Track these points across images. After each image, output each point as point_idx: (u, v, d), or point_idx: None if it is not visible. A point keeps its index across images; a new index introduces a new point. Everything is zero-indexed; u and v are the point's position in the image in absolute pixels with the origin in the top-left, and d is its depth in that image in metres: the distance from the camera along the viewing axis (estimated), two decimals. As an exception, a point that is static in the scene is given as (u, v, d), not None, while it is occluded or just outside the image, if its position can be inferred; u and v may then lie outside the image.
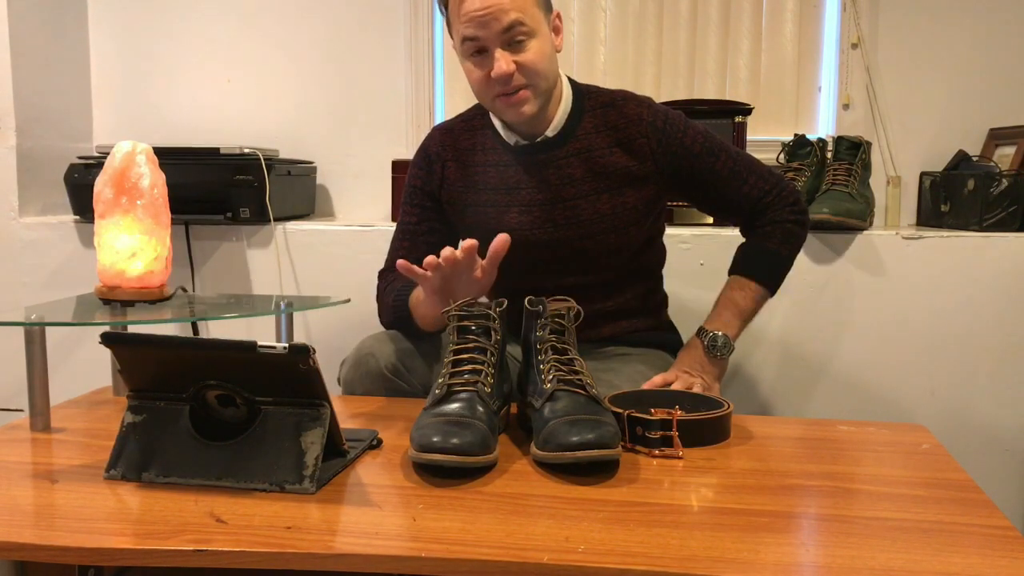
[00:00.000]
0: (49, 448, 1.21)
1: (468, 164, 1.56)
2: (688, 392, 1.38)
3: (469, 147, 1.57)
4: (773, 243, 1.55)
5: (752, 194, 1.55)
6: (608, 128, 1.51)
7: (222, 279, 2.14)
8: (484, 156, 1.55)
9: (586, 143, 1.51)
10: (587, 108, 1.53)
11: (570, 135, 1.51)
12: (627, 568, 0.84)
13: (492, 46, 1.40)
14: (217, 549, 0.88)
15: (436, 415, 1.11)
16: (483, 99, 1.49)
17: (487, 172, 1.55)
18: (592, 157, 1.50)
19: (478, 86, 1.46)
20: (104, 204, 1.43)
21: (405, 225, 1.61)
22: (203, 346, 1.11)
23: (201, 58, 2.43)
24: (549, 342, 1.20)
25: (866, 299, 1.93)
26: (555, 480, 1.07)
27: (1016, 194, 1.92)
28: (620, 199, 1.51)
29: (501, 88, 1.42)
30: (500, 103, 1.45)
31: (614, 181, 1.50)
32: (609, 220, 1.51)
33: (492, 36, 1.39)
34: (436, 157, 1.58)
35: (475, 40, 1.40)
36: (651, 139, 1.50)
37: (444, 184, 1.57)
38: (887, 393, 1.95)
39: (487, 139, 1.56)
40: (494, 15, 1.37)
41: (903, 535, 0.92)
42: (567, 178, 1.51)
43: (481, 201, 1.55)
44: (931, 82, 2.20)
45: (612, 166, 1.50)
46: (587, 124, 1.52)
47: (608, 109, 1.52)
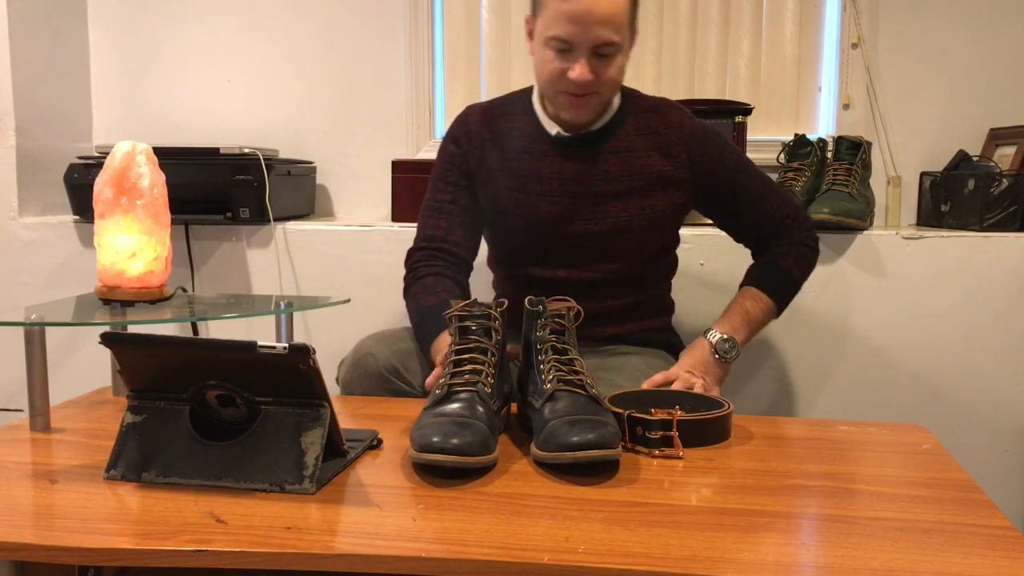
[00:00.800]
0: (49, 448, 1.21)
1: (504, 147, 1.57)
2: (688, 392, 1.38)
3: (506, 130, 1.58)
4: (787, 261, 1.59)
5: (775, 216, 1.59)
6: (649, 132, 1.54)
7: (222, 279, 2.14)
8: (521, 142, 1.56)
9: (625, 143, 1.53)
10: (631, 111, 1.55)
11: (611, 134, 1.54)
12: (627, 568, 0.84)
13: (579, 51, 1.41)
14: (217, 549, 0.88)
15: (436, 415, 1.11)
16: (547, 88, 1.50)
17: (522, 158, 1.55)
18: (629, 158, 1.53)
19: (548, 77, 1.46)
20: (104, 204, 1.43)
21: (438, 203, 1.59)
22: (203, 346, 1.10)
23: (201, 58, 2.43)
24: (549, 342, 1.20)
25: (866, 299, 1.93)
26: (555, 480, 1.07)
27: (1016, 194, 1.92)
28: (650, 202, 1.53)
29: (573, 88, 1.44)
30: (564, 100, 1.47)
31: (647, 183, 1.53)
32: (636, 221, 1.53)
33: (584, 43, 1.40)
34: (475, 135, 1.58)
35: (566, 41, 1.41)
36: (690, 147, 1.53)
37: (481, 163, 1.58)
38: (887, 393, 1.95)
39: (526, 125, 1.57)
40: (594, 27, 1.39)
41: (904, 535, 0.92)
42: (602, 174, 1.53)
43: (514, 186, 1.55)
44: (931, 82, 2.20)
45: (648, 168, 1.52)
46: (629, 126, 1.54)
47: (651, 114, 1.55)
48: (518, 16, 2.30)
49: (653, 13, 2.29)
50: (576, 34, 1.39)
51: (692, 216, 2.07)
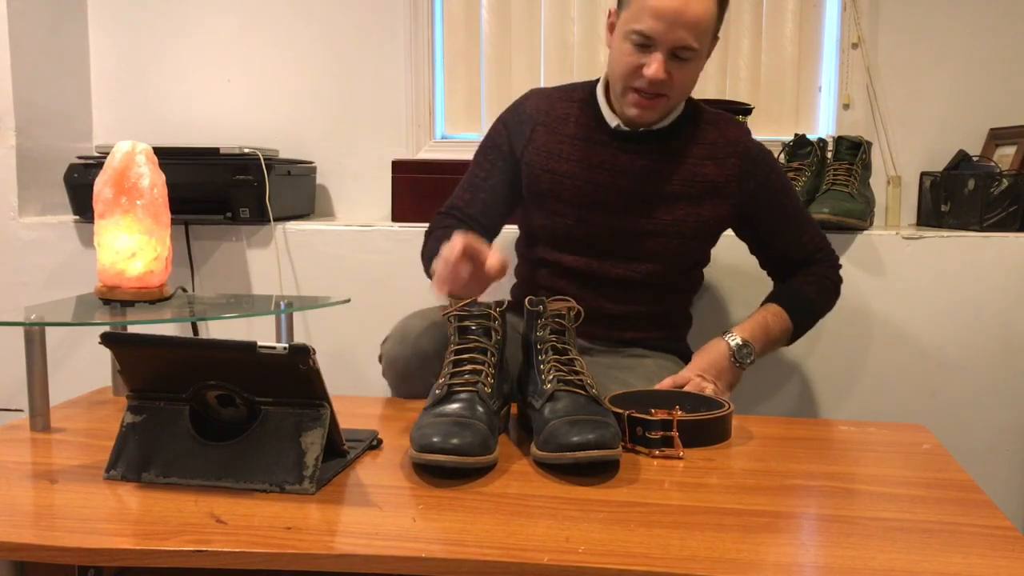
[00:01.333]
0: (49, 448, 1.21)
1: (558, 132, 1.57)
2: (688, 392, 1.38)
3: (563, 116, 1.58)
4: (812, 291, 1.59)
5: (808, 245, 1.61)
6: (706, 143, 1.54)
7: (222, 279, 2.14)
8: (577, 129, 1.56)
9: (682, 149, 1.54)
10: (693, 119, 1.56)
11: (670, 137, 1.54)
12: (627, 569, 0.84)
13: (659, 48, 1.41)
14: (217, 550, 0.88)
15: (436, 415, 1.11)
16: (620, 82, 1.49)
17: (575, 144, 1.55)
18: (684, 163, 1.53)
19: (623, 70, 1.46)
20: (104, 204, 1.43)
21: (473, 177, 1.61)
22: (203, 346, 1.10)
23: (201, 58, 2.43)
24: (549, 342, 1.20)
25: (866, 299, 1.93)
26: (555, 480, 1.07)
27: (1016, 194, 1.92)
28: (697, 210, 1.53)
29: (644, 86, 1.44)
30: (632, 97, 1.47)
31: (697, 191, 1.53)
32: (680, 226, 1.53)
33: (666, 42, 1.40)
34: (527, 118, 1.59)
35: (648, 37, 1.41)
36: (743, 161, 1.54)
37: (530, 145, 1.57)
38: (887, 393, 1.95)
39: (584, 113, 1.57)
40: (678, 28, 1.39)
41: (904, 535, 0.92)
42: (654, 173, 1.53)
43: (562, 171, 1.55)
44: (931, 82, 2.20)
45: (700, 176, 1.53)
46: (687, 133, 1.55)
47: (711, 126, 1.56)
48: (518, 16, 2.30)
49: (653, 13, 2.28)
50: (659, 31, 1.39)
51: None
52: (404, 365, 1.45)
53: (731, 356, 1.48)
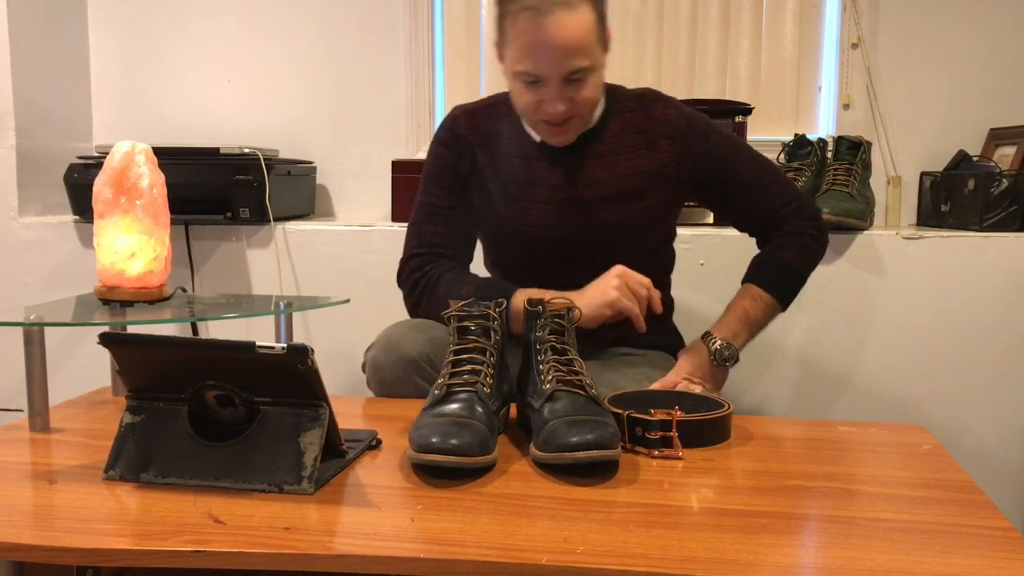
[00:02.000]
0: (48, 448, 1.21)
1: (495, 152, 1.54)
2: (688, 393, 1.38)
3: (495, 133, 1.55)
4: (788, 253, 1.53)
5: (772, 203, 1.54)
6: (635, 131, 1.51)
7: (222, 279, 2.14)
8: (510, 146, 1.53)
9: (612, 146, 1.51)
10: (616, 110, 1.53)
11: (597, 137, 1.51)
12: (626, 569, 0.84)
13: (550, 82, 1.38)
14: (215, 550, 0.88)
15: (435, 415, 1.11)
16: (526, 118, 1.48)
17: (512, 163, 1.53)
18: (617, 161, 1.50)
19: (525, 108, 1.44)
20: (103, 204, 1.43)
21: (434, 208, 1.55)
22: (202, 346, 1.10)
23: (201, 58, 2.43)
24: (549, 342, 1.20)
25: (866, 299, 1.93)
26: (554, 481, 1.06)
27: (1016, 194, 1.92)
28: (642, 203, 1.51)
29: (549, 119, 1.42)
30: (545, 129, 1.45)
31: (637, 184, 1.50)
32: (629, 224, 1.51)
33: (554, 76, 1.37)
34: (465, 141, 1.55)
35: (535, 75, 1.38)
36: (675, 140, 1.50)
37: (475, 170, 1.55)
38: (887, 393, 1.94)
39: (512, 129, 1.54)
40: (559, 59, 1.35)
41: (903, 536, 0.91)
42: (591, 179, 1.50)
43: (506, 193, 1.53)
44: (931, 82, 2.20)
45: (636, 169, 1.50)
46: (615, 127, 1.51)
47: (636, 113, 1.52)
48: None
49: (653, 13, 2.29)
50: (544, 68, 1.36)
51: (692, 216, 2.08)
52: (389, 371, 1.45)
53: (712, 359, 1.46)
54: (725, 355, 1.46)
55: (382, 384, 1.47)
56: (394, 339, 1.46)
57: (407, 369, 1.44)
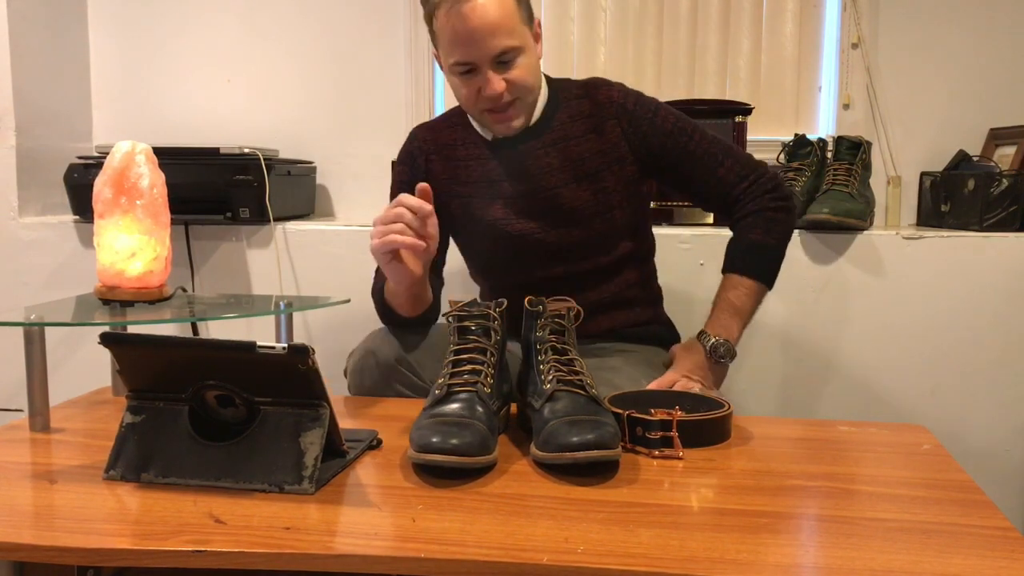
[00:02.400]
0: (48, 448, 1.21)
1: (450, 158, 1.59)
2: (688, 392, 1.38)
3: (450, 142, 1.60)
4: (757, 234, 1.52)
5: (728, 178, 1.53)
6: (582, 116, 1.54)
7: (222, 279, 2.14)
8: (466, 150, 1.58)
9: (562, 133, 1.54)
10: (562, 100, 1.56)
11: (546, 127, 1.54)
12: (627, 569, 0.84)
13: (483, 66, 1.43)
14: (216, 550, 0.88)
15: (435, 415, 1.11)
16: (471, 111, 1.53)
17: (469, 166, 1.57)
18: (568, 146, 1.53)
19: (467, 101, 1.49)
20: (103, 204, 1.43)
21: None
22: (202, 346, 1.10)
23: (201, 58, 2.43)
24: (549, 342, 1.20)
25: (866, 299, 1.93)
26: (555, 481, 1.06)
27: (1016, 194, 1.92)
28: (599, 184, 1.53)
29: (491, 104, 1.46)
30: (489, 118, 1.50)
31: (591, 167, 1.53)
32: (591, 207, 1.53)
33: (483, 58, 1.42)
34: (419, 152, 1.61)
35: (466, 63, 1.42)
36: (621, 120, 1.52)
37: (429, 177, 1.58)
38: (887, 393, 1.94)
39: (469, 134, 1.59)
40: (486, 40, 1.39)
41: (903, 536, 0.91)
42: (545, 168, 1.53)
43: (465, 193, 1.57)
44: (931, 82, 2.20)
45: (588, 152, 1.53)
46: (562, 115, 1.55)
47: (582, 99, 1.55)
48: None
49: (653, 13, 2.29)
50: (472, 53, 1.41)
51: (692, 216, 2.08)
52: (367, 378, 1.48)
53: (708, 356, 1.46)
54: (721, 352, 1.46)
55: (361, 390, 1.50)
56: (371, 346, 1.50)
57: (384, 375, 1.47)
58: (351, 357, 1.53)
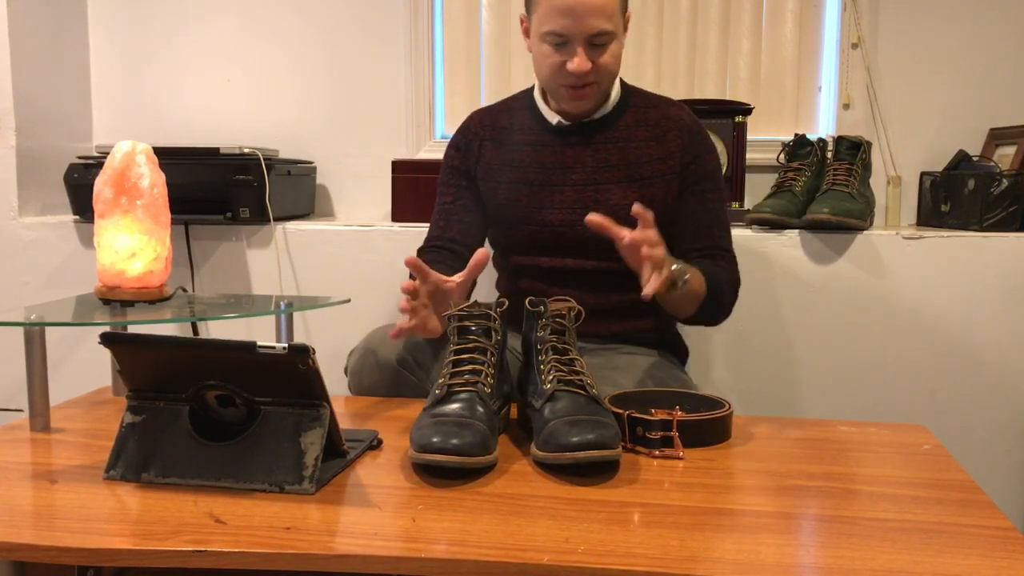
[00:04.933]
0: (48, 448, 1.21)
1: (505, 143, 1.61)
2: (688, 392, 1.38)
3: (507, 126, 1.62)
4: (723, 276, 1.52)
5: (714, 242, 1.57)
6: (648, 124, 1.58)
7: (222, 279, 2.14)
8: (522, 136, 1.60)
9: (625, 133, 1.57)
10: (632, 104, 1.60)
11: (611, 124, 1.58)
12: (627, 569, 0.84)
13: (575, 42, 1.45)
14: (216, 550, 0.88)
15: (436, 415, 1.11)
16: (548, 82, 1.54)
17: (523, 151, 1.59)
18: (628, 147, 1.56)
19: (549, 71, 1.50)
20: (104, 204, 1.43)
21: (441, 205, 1.65)
22: (203, 346, 1.10)
23: (201, 58, 2.43)
24: (550, 342, 1.20)
25: (866, 299, 1.93)
26: (555, 481, 1.07)
27: (1016, 194, 1.92)
28: (649, 190, 1.55)
29: (573, 80, 1.48)
30: (566, 92, 1.51)
31: (646, 171, 1.56)
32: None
33: (579, 35, 1.44)
34: (474, 136, 1.64)
35: (561, 35, 1.45)
36: (683, 137, 1.57)
37: (480, 162, 1.62)
38: (887, 393, 1.94)
39: (526, 119, 1.61)
40: (587, 18, 1.42)
41: (904, 536, 0.91)
42: (603, 162, 1.56)
43: (516, 179, 1.59)
44: (931, 82, 2.20)
45: (646, 157, 1.56)
46: (628, 118, 1.58)
47: (651, 108, 1.59)
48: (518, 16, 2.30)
49: (653, 13, 2.29)
50: (570, 27, 1.43)
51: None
52: (366, 377, 1.48)
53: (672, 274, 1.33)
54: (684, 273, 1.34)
55: (361, 390, 1.50)
56: (372, 345, 1.50)
57: (384, 375, 1.47)
58: (351, 357, 1.53)
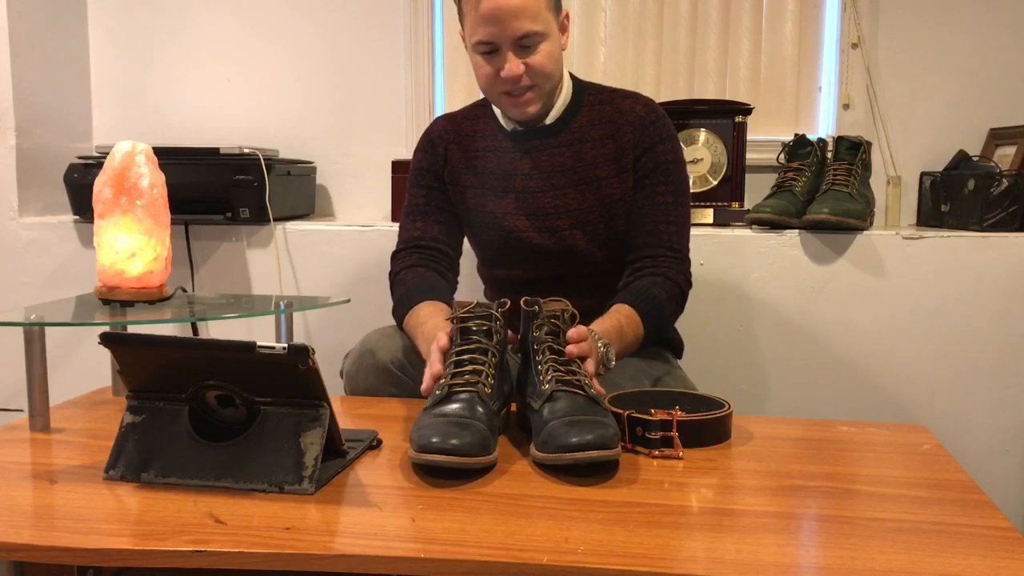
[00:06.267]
0: (48, 448, 1.21)
1: (469, 148, 1.61)
2: (688, 392, 1.38)
3: (470, 133, 1.62)
4: (661, 293, 1.47)
5: (662, 239, 1.51)
6: (603, 122, 1.55)
7: (222, 279, 2.14)
8: (484, 142, 1.60)
9: (579, 135, 1.55)
10: (585, 103, 1.57)
11: (565, 126, 1.56)
12: (627, 569, 0.84)
13: (504, 48, 1.45)
14: (216, 550, 0.88)
15: (436, 415, 1.11)
16: (489, 94, 1.54)
17: (486, 157, 1.59)
18: (583, 148, 1.55)
19: (485, 81, 1.50)
20: (104, 204, 1.43)
21: (414, 207, 1.63)
22: (202, 346, 1.10)
23: (201, 58, 2.43)
24: (546, 343, 1.20)
25: (866, 299, 1.93)
26: (555, 481, 1.06)
27: (1016, 194, 1.92)
28: (607, 191, 1.54)
29: (509, 87, 1.47)
30: (506, 100, 1.51)
31: (601, 171, 1.54)
32: (597, 211, 1.54)
33: (506, 40, 1.43)
34: (439, 140, 1.63)
35: (488, 43, 1.44)
36: (635, 130, 1.53)
37: (447, 166, 1.61)
38: (887, 393, 1.94)
39: (488, 126, 1.61)
40: (509, 22, 1.41)
41: (904, 536, 0.91)
42: (557, 167, 1.55)
43: (480, 184, 1.59)
44: (931, 82, 2.20)
45: (601, 158, 1.54)
46: (583, 117, 1.56)
47: (605, 105, 1.57)
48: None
49: (653, 13, 2.29)
50: (496, 33, 1.42)
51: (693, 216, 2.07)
52: (362, 379, 1.48)
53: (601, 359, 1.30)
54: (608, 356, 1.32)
55: (357, 391, 1.50)
56: (367, 347, 1.50)
57: (380, 378, 1.47)
58: (347, 358, 1.54)
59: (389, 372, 1.46)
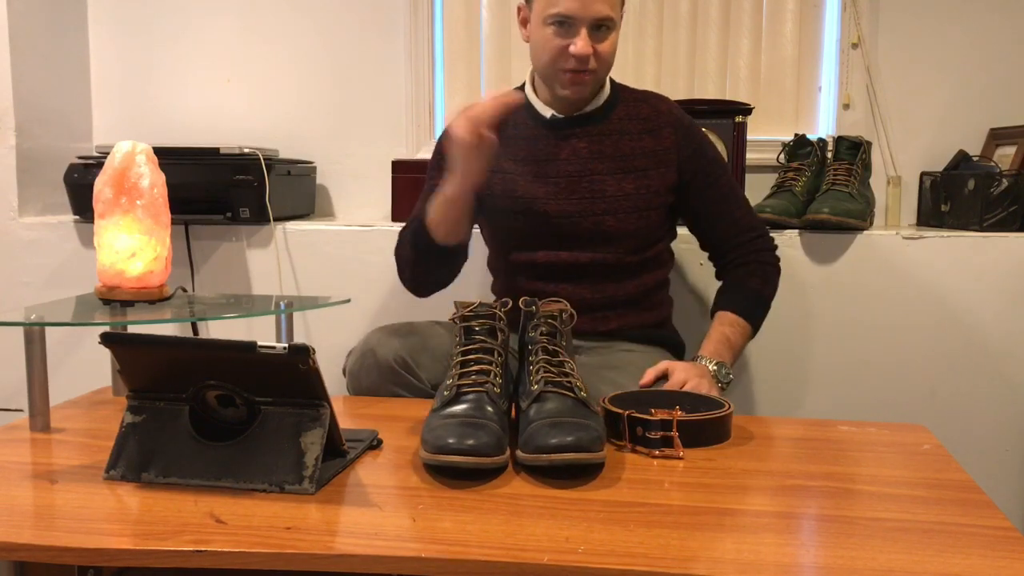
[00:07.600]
0: (49, 448, 1.21)
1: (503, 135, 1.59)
2: (688, 392, 1.38)
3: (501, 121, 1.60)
4: (755, 282, 1.62)
5: (743, 222, 1.64)
6: (639, 118, 1.61)
7: (222, 279, 2.14)
8: (516, 130, 1.62)
9: (618, 127, 1.60)
10: (622, 99, 1.63)
11: (604, 117, 1.61)
12: (627, 568, 0.84)
13: (579, 26, 1.48)
14: (216, 550, 0.88)
15: (447, 416, 1.10)
16: (548, 67, 1.55)
17: (517, 144, 1.61)
18: (622, 140, 1.60)
19: (551, 55, 1.53)
20: (104, 204, 1.43)
21: (432, 187, 1.62)
22: (203, 346, 1.11)
23: (201, 58, 2.43)
24: (540, 343, 1.20)
25: (866, 299, 1.93)
26: (555, 481, 1.06)
27: (1016, 194, 1.92)
28: (645, 181, 1.58)
29: (573, 65, 1.51)
30: (564, 77, 1.54)
31: (640, 163, 1.59)
32: (632, 200, 1.58)
33: (584, 18, 1.47)
34: None
35: (567, 17, 1.48)
36: (677, 131, 1.61)
37: None
38: (887, 393, 1.94)
39: (519, 115, 1.62)
40: (593, 2, 1.46)
41: (904, 535, 0.92)
42: (597, 153, 1.59)
43: (509, 170, 1.61)
44: (931, 82, 2.20)
45: (640, 149, 1.59)
46: (620, 111, 1.62)
47: (641, 103, 1.63)
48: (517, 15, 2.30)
49: (653, 13, 2.28)
50: (577, 9, 1.47)
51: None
52: (364, 378, 1.49)
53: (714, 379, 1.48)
54: (724, 372, 1.50)
55: (359, 390, 1.51)
56: (370, 346, 1.51)
57: (382, 376, 1.48)
58: (349, 357, 1.54)
59: (391, 370, 1.46)
